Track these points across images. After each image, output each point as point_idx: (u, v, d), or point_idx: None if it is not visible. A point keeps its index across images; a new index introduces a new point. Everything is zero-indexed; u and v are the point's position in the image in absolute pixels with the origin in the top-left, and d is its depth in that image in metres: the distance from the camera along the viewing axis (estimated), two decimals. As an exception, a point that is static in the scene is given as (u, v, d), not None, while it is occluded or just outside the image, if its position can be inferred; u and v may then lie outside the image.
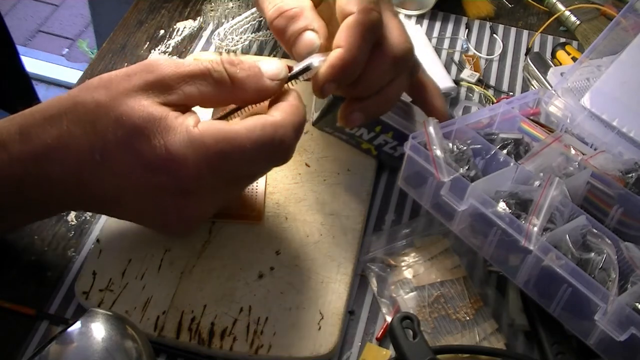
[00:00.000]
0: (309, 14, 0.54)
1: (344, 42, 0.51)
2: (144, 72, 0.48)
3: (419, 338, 0.52)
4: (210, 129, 0.48)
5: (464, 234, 0.57)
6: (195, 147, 0.47)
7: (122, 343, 0.48)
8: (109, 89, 0.48)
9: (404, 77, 0.57)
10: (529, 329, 0.56)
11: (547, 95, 0.67)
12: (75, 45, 2.33)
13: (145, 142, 0.47)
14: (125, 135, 0.47)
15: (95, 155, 0.48)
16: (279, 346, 0.53)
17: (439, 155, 0.56)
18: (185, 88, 0.48)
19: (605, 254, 0.51)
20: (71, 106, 0.49)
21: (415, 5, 0.85)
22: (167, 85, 0.48)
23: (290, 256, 0.59)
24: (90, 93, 0.48)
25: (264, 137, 0.48)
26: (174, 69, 0.48)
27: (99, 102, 0.48)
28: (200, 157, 0.47)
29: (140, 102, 0.47)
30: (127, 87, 0.48)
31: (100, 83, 0.49)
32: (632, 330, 0.47)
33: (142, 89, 0.48)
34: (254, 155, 0.49)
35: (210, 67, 0.49)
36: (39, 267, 0.59)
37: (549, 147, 0.59)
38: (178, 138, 0.47)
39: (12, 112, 0.51)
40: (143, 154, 0.47)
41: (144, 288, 0.56)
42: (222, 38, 0.76)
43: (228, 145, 0.47)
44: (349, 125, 0.57)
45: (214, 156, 0.47)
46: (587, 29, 0.82)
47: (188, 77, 0.49)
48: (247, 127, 0.48)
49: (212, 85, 0.49)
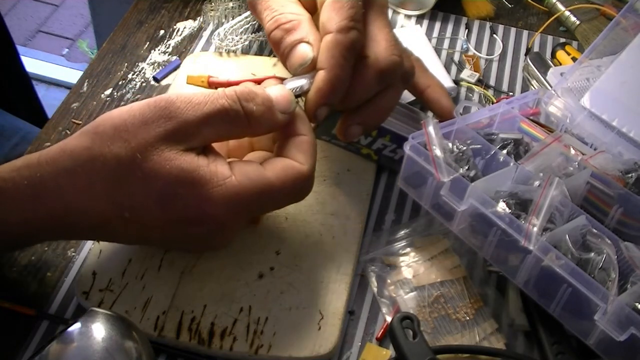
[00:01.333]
0: (305, 27, 0.54)
1: (326, 64, 0.51)
2: (162, 119, 0.46)
3: (419, 338, 0.52)
4: (246, 178, 0.48)
5: (463, 234, 0.57)
6: (233, 201, 0.47)
7: (122, 343, 0.48)
8: (128, 141, 0.45)
9: (395, 87, 0.57)
10: (529, 329, 0.56)
11: (546, 96, 0.67)
12: (75, 45, 2.33)
13: (179, 200, 0.46)
14: (157, 196, 0.46)
15: (123, 213, 0.46)
16: (279, 346, 0.53)
17: (439, 155, 0.56)
18: (205, 131, 0.48)
19: (605, 254, 0.51)
20: (88, 160, 0.46)
21: (415, 5, 0.85)
22: (188, 133, 0.47)
23: (290, 256, 0.59)
24: (107, 146, 0.46)
25: (295, 187, 0.50)
26: (193, 112, 0.47)
27: (119, 158, 0.45)
28: (238, 208, 0.48)
29: (165, 156, 0.46)
30: (146, 139, 0.45)
31: (115, 133, 0.46)
32: (631, 330, 0.47)
33: (163, 139, 0.46)
34: (284, 200, 0.52)
35: (228, 106, 0.48)
36: (39, 267, 0.59)
37: (549, 147, 0.59)
38: (216, 193, 0.47)
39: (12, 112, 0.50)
40: (176, 212, 0.47)
41: (144, 288, 0.56)
42: (222, 38, 0.76)
43: (262, 195, 0.49)
44: (348, 139, 0.58)
45: (249, 205, 0.49)
46: (587, 29, 0.82)
47: (207, 120, 0.47)
48: (279, 177, 0.49)
49: (228, 123, 0.48)
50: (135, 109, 0.47)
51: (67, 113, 0.72)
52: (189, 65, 0.74)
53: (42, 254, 0.60)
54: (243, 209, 0.49)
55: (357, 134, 0.57)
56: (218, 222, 0.48)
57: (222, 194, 0.47)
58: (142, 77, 0.76)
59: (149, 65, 0.77)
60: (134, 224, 0.47)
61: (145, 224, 0.47)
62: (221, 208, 0.47)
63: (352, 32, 0.52)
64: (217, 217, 0.48)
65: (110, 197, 0.46)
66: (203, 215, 0.47)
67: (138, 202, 0.46)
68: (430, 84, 0.63)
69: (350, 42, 0.52)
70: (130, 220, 0.47)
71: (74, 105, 0.73)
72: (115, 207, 0.46)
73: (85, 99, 0.74)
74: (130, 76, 0.76)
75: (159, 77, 0.76)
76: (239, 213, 0.49)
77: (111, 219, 0.47)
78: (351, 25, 0.52)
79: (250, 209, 0.50)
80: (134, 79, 0.76)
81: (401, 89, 0.59)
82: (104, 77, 0.76)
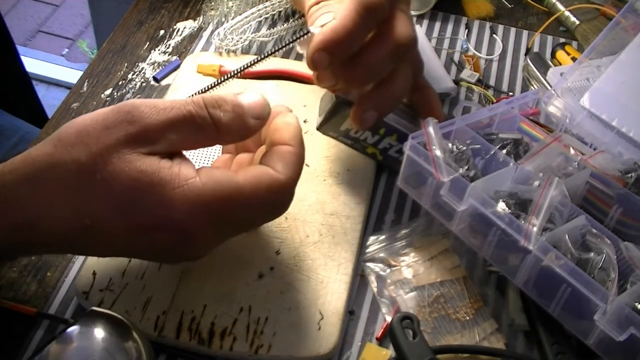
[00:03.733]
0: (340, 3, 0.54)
1: (339, 14, 0.52)
2: (124, 123, 0.44)
3: (418, 338, 0.52)
4: (212, 182, 0.45)
5: (463, 234, 0.57)
6: (196, 203, 0.44)
7: (122, 343, 0.48)
8: (88, 146, 0.44)
9: (407, 69, 0.57)
10: (528, 329, 0.56)
11: (546, 95, 0.67)
12: (75, 45, 2.33)
13: (138, 205, 0.44)
14: (117, 198, 0.44)
15: (84, 220, 0.44)
16: (279, 346, 0.53)
17: (439, 155, 0.56)
18: (170, 136, 0.45)
19: (604, 254, 0.51)
20: (48, 168, 0.44)
21: (415, 5, 0.85)
22: (151, 137, 0.45)
23: (290, 256, 0.59)
24: (68, 151, 0.44)
25: (268, 197, 0.47)
26: (156, 117, 0.45)
27: (79, 163, 0.44)
28: (201, 212, 0.45)
29: (126, 159, 0.44)
30: (107, 143, 0.44)
31: (77, 138, 0.44)
32: (631, 330, 0.47)
33: (125, 143, 0.44)
34: (256, 211, 0.48)
35: (194, 111, 0.46)
36: (39, 267, 0.59)
37: (549, 147, 0.59)
38: (177, 194, 0.44)
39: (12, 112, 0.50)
40: (137, 217, 0.44)
41: (144, 288, 0.56)
42: (222, 38, 0.76)
43: (229, 201, 0.45)
44: (362, 126, 0.57)
45: (216, 211, 0.45)
46: (587, 29, 0.82)
47: (172, 125, 0.45)
48: (252, 184, 0.46)
49: (195, 130, 0.46)
50: (99, 114, 0.45)
51: (67, 113, 0.72)
52: (189, 66, 0.74)
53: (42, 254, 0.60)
54: (209, 215, 0.45)
55: (371, 119, 0.56)
56: (181, 228, 0.45)
57: (183, 195, 0.44)
58: (142, 77, 0.76)
59: (149, 65, 0.77)
60: (98, 234, 0.45)
61: (108, 233, 0.45)
62: (182, 211, 0.44)
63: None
64: (179, 222, 0.44)
65: (72, 204, 0.44)
66: (164, 220, 0.44)
67: (98, 209, 0.44)
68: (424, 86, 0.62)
69: (371, 2, 0.52)
70: (93, 230, 0.45)
71: (74, 105, 0.73)
72: (77, 215, 0.44)
73: (85, 99, 0.74)
74: (130, 76, 0.76)
75: (159, 77, 0.76)
76: (204, 219, 0.45)
77: (75, 229, 0.45)
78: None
79: (219, 217, 0.46)
80: (134, 79, 0.76)
81: (412, 77, 0.58)
82: (104, 77, 0.76)
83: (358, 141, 0.64)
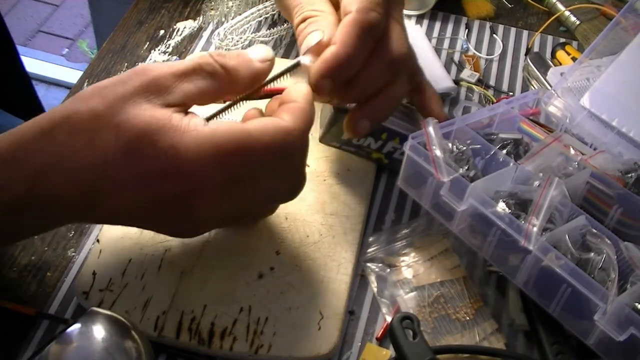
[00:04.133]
0: (325, 20, 0.55)
1: (338, 39, 0.52)
2: (137, 75, 0.47)
3: (418, 338, 0.52)
4: (220, 127, 0.47)
5: (463, 234, 0.57)
6: (206, 146, 0.46)
7: (122, 343, 0.48)
8: (104, 97, 0.46)
9: (403, 80, 0.57)
10: (528, 329, 0.56)
11: (546, 95, 0.67)
12: (75, 45, 2.33)
13: (151, 146, 0.45)
14: (129, 142, 0.45)
15: (98, 167, 0.46)
16: (279, 346, 0.53)
17: (439, 155, 0.56)
18: (182, 86, 0.48)
19: (604, 254, 0.51)
20: (64, 118, 0.46)
21: (415, 5, 0.85)
22: (164, 86, 0.47)
23: (290, 256, 0.59)
24: (85, 103, 0.46)
25: (275, 141, 0.48)
26: (167, 68, 0.48)
27: (95, 111, 0.46)
28: (211, 156, 0.46)
29: (141, 106, 0.46)
30: (123, 93, 0.46)
31: (93, 92, 0.47)
32: (631, 331, 0.47)
33: (139, 92, 0.46)
34: (264, 158, 0.48)
35: (202, 61, 0.49)
36: (39, 267, 0.59)
37: (549, 147, 0.59)
38: (186, 138, 0.45)
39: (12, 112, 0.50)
40: (150, 159, 0.45)
41: (144, 288, 0.56)
42: (222, 38, 0.76)
43: (239, 145, 0.46)
44: (356, 135, 0.58)
45: (225, 156, 0.46)
46: (587, 29, 0.82)
47: (182, 75, 0.48)
48: (259, 130, 0.47)
49: (207, 78, 0.49)
50: (115, 76, 0.48)
51: (67, 113, 0.72)
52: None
53: (42, 254, 0.60)
54: (218, 161, 0.46)
55: (365, 128, 0.57)
56: (191, 173, 0.46)
57: (193, 139, 0.45)
58: (142, 77, 0.76)
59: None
60: (111, 183, 0.46)
61: (122, 181, 0.46)
62: (192, 154, 0.45)
63: (372, 13, 0.52)
64: (188, 165, 0.45)
65: (86, 150, 0.45)
66: (173, 164, 0.45)
67: (111, 153, 0.45)
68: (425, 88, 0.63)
69: (368, 22, 0.52)
70: (106, 177, 0.46)
71: (74, 105, 0.73)
72: (91, 162, 0.46)
73: (85, 99, 0.74)
74: (130, 76, 0.76)
75: (159, 77, 0.76)
76: (213, 164, 0.46)
77: (88, 177, 0.46)
78: (371, 7, 0.52)
79: (228, 164, 0.47)
80: (134, 79, 0.76)
81: (407, 85, 0.59)
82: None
83: (362, 148, 0.64)
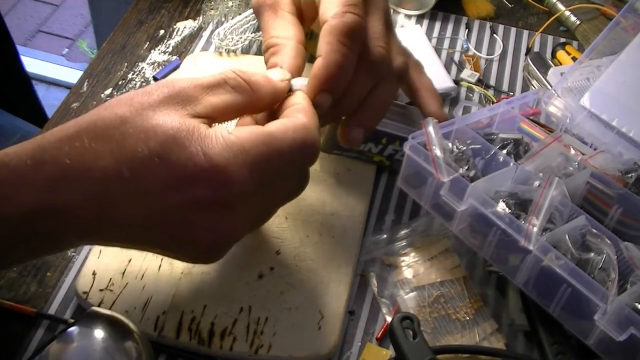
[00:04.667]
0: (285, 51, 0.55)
1: (322, 51, 0.51)
2: (163, 87, 0.47)
3: (419, 338, 0.52)
4: (245, 133, 0.46)
5: (463, 234, 0.57)
6: (235, 152, 0.45)
7: (122, 343, 0.49)
8: (132, 105, 0.46)
9: (389, 81, 0.56)
10: (529, 329, 0.56)
11: (546, 95, 0.67)
12: (75, 45, 2.33)
13: (181, 151, 0.44)
14: (159, 146, 0.44)
15: (123, 173, 0.44)
16: (279, 346, 0.53)
17: (439, 155, 0.56)
18: (209, 98, 0.47)
19: (604, 254, 0.51)
20: (91, 124, 0.46)
21: (415, 5, 0.85)
22: (191, 96, 0.47)
23: (290, 256, 0.59)
24: (112, 110, 0.46)
25: (297, 139, 0.47)
26: (192, 81, 0.48)
27: (123, 117, 0.45)
28: (241, 162, 0.45)
29: (170, 114, 0.46)
30: (150, 101, 0.46)
31: (120, 100, 0.47)
32: (631, 331, 0.47)
33: (167, 101, 0.46)
34: (290, 156, 0.48)
35: (225, 76, 0.49)
36: (39, 267, 0.59)
37: (549, 147, 0.59)
38: (216, 144, 0.45)
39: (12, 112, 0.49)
40: (179, 163, 0.44)
41: (144, 288, 0.56)
42: (222, 38, 0.76)
43: (266, 148, 0.46)
44: (351, 144, 0.57)
45: (254, 160, 0.46)
46: (587, 29, 0.82)
47: (208, 88, 0.48)
48: (280, 130, 0.47)
49: (231, 92, 0.48)
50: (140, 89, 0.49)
51: (67, 113, 0.72)
52: (189, 65, 0.74)
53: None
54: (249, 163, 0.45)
55: (358, 137, 0.56)
56: (223, 179, 0.44)
57: (223, 143, 0.45)
58: (142, 77, 0.76)
59: (148, 65, 0.77)
60: (135, 190, 0.45)
61: (146, 187, 0.45)
62: (225, 163, 0.44)
63: (347, 15, 0.51)
64: (220, 170, 0.44)
65: (111, 155, 0.44)
66: (207, 169, 0.44)
67: (138, 158, 0.44)
68: (421, 87, 0.62)
69: (346, 26, 0.51)
70: (130, 183, 0.44)
71: (74, 105, 0.73)
72: (115, 166, 0.44)
73: (85, 99, 0.74)
74: (130, 76, 0.76)
75: (158, 77, 0.76)
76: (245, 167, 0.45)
77: (111, 182, 0.45)
78: (345, 9, 0.52)
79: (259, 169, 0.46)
80: (134, 79, 0.76)
81: (395, 86, 0.58)
82: (104, 77, 0.76)
83: (363, 153, 0.64)
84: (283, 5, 0.58)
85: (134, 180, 0.44)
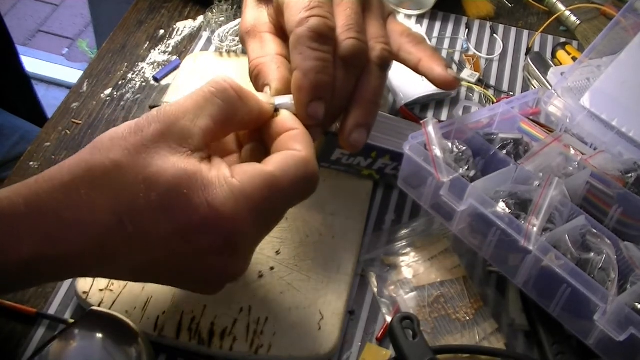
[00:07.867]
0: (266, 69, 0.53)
1: (296, 63, 0.50)
2: (154, 122, 0.45)
3: (419, 338, 0.52)
4: (247, 176, 0.45)
5: (463, 234, 0.57)
6: (239, 199, 0.44)
7: (122, 343, 0.49)
8: (125, 148, 0.44)
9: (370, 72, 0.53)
10: (529, 329, 0.56)
11: (546, 95, 0.67)
12: (75, 45, 2.33)
13: (185, 202, 0.43)
14: (161, 197, 0.43)
15: (125, 225, 0.43)
16: (279, 346, 0.53)
17: (439, 155, 0.56)
18: (199, 122, 0.45)
19: (604, 254, 0.51)
20: (85, 172, 0.44)
21: (415, 5, 0.85)
22: (182, 129, 0.45)
23: (290, 256, 0.59)
24: (105, 154, 0.44)
25: (298, 175, 0.47)
26: (179, 106, 0.46)
27: (119, 164, 0.43)
28: (246, 209, 0.44)
29: (167, 158, 0.44)
30: (144, 142, 0.44)
31: (111, 142, 0.44)
32: (631, 331, 0.47)
33: (160, 139, 0.44)
34: (292, 194, 0.47)
35: (212, 88, 0.47)
36: (39, 267, 0.59)
37: (549, 147, 0.59)
38: (220, 193, 0.44)
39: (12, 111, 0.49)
40: (184, 215, 0.43)
41: (144, 288, 0.56)
42: (222, 39, 0.76)
43: (268, 191, 0.45)
44: (355, 148, 0.54)
45: (258, 205, 0.45)
46: (587, 29, 0.82)
47: (196, 108, 0.46)
48: (281, 168, 0.46)
49: (218, 104, 0.46)
50: (131, 121, 0.46)
51: (67, 113, 0.72)
52: (189, 65, 0.74)
53: (42, 254, 0.60)
54: (253, 209, 0.45)
55: (360, 138, 0.53)
56: (228, 229, 0.44)
57: (228, 190, 0.44)
58: (142, 77, 0.76)
59: (148, 65, 0.77)
60: (137, 240, 0.44)
61: (149, 238, 0.44)
62: (229, 212, 0.44)
63: (311, 20, 0.50)
64: (226, 220, 0.44)
65: (111, 207, 0.43)
66: (210, 220, 0.44)
67: (140, 209, 0.43)
68: (422, 56, 0.58)
69: (311, 31, 0.49)
70: (133, 236, 0.44)
71: (74, 105, 0.73)
72: (116, 217, 0.43)
73: (85, 98, 0.74)
74: (130, 76, 0.76)
75: (158, 77, 0.76)
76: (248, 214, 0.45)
77: (112, 234, 0.44)
78: (306, 15, 0.50)
79: (262, 209, 0.45)
80: (134, 79, 0.76)
81: (378, 74, 0.54)
82: (104, 77, 0.76)
83: (352, 166, 0.63)
84: (261, 27, 0.56)
85: (137, 231, 0.43)
